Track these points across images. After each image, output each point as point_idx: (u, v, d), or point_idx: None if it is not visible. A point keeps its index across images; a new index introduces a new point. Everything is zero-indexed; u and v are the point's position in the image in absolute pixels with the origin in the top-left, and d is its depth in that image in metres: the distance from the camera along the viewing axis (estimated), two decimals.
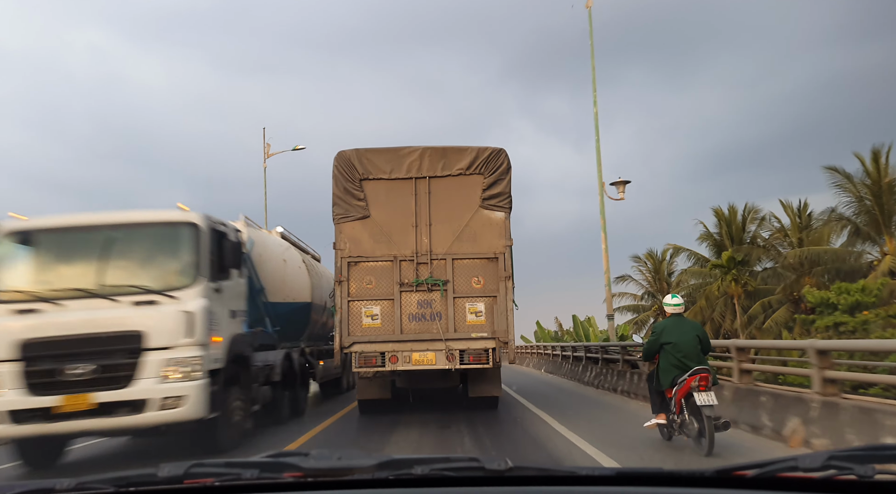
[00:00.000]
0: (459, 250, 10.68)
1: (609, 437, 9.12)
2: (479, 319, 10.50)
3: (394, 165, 10.90)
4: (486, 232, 10.74)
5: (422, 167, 10.87)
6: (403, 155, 10.95)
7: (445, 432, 10.11)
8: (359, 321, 10.54)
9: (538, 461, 7.51)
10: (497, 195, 10.84)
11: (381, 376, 11.49)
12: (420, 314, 10.53)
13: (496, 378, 11.81)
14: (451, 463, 1.84)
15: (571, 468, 1.92)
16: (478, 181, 10.86)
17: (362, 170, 10.87)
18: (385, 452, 8.69)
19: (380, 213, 10.82)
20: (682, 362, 7.79)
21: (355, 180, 10.84)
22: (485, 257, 10.67)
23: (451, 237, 10.71)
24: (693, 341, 7.89)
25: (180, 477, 1.66)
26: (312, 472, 1.74)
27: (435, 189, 10.88)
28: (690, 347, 7.84)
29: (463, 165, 10.88)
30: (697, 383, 7.50)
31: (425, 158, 10.89)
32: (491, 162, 10.87)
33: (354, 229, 10.76)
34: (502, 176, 10.89)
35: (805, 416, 7.94)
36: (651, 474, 1.96)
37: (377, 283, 10.63)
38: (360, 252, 10.70)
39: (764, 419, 8.75)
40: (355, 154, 10.92)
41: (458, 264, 10.66)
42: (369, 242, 10.73)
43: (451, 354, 10.29)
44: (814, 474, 1.71)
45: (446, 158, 10.92)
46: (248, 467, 1.70)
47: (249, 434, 9.87)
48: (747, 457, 7.13)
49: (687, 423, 7.68)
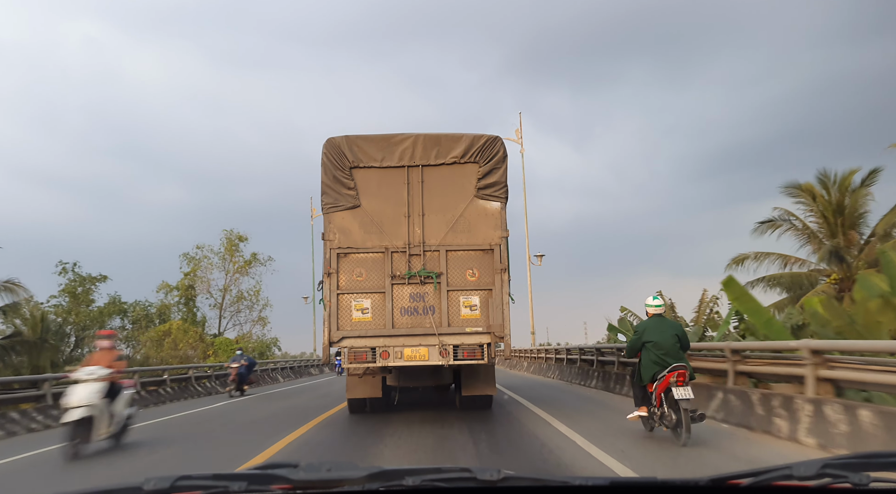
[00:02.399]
0: (453, 241, 10.65)
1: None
2: (474, 313, 10.46)
3: (385, 152, 10.83)
4: (481, 223, 10.69)
5: (415, 155, 10.81)
6: (396, 142, 10.88)
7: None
8: (348, 314, 10.48)
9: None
10: (493, 185, 10.79)
11: (372, 373, 11.42)
12: (412, 307, 10.49)
13: (490, 376, 11.80)
14: (442, 474, 1.87)
15: (565, 477, 1.94)
16: (472, 170, 10.81)
17: (352, 157, 10.80)
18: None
19: (371, 202, 10.76)
20: (662, 359, 8.58)
21: (345, 168, 10.77)
22: (480, 248, 10.63)
23: (445, 228, 10.67)
24: (672, 339, 8.70)
25: (166, 490, 1.69)
26: (302, 484, 1.77)
27: (428, 178, 10.82)
28: (670, 345, 8.65)
29: (457, 154, 10.81)
30: (676, 378, 8.32)
31: (418, 145, 10.83)
32: (486, 150, 10.81)
33: (344, 219, 10.70)
34: (498, 165, 10.83)
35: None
36: (645, 483, 1.99)
37: (368, 275, 10.59)
38: (349, 243, 10.65)
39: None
40: (345, 141, 10.85)
41: (451, 255, 10.62)
42: (360, 232, 10.67)
43: (444, 349, 10.24)
44: (809, 482, 1.74)
45: (440, 146, 10.85)
46: (236, 479, 1.74)
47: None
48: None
49: (666, 415, 8.46)
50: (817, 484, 1.74)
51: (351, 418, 12.08)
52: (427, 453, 8.35)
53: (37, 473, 8.64)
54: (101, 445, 9.85)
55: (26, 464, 9.33)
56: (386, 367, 10.65)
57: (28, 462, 9.49)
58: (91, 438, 9.43)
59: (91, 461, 9.03)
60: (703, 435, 8.79)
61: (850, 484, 1.70)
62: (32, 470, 8.86)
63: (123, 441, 10.31)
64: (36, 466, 9.12)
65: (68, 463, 8.89)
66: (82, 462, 8.94)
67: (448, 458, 7.95)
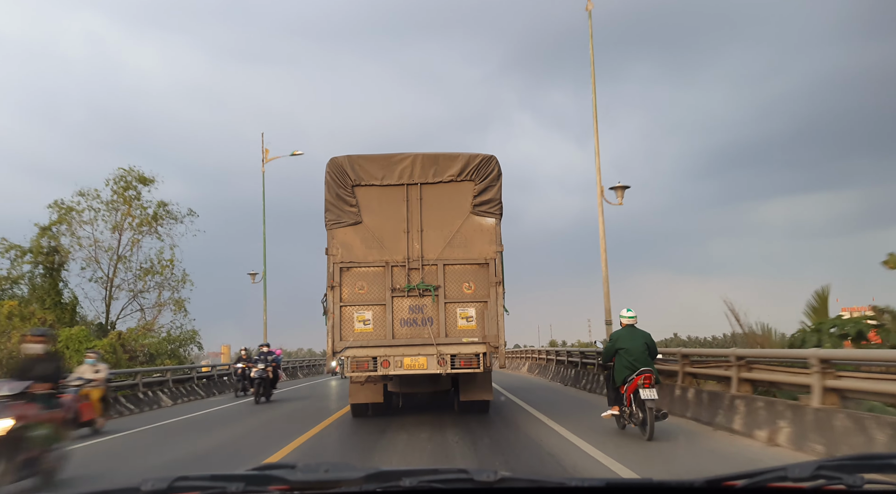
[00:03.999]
0: (451, 255, 10.61)
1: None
2: (470, 324, 10.43)
3: (386, 171, 10.83)
4: (476, 238, 10.67)
5: (413, 174, 10.80)
6: (395, 162, 10.88)
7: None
8: (351, 325, 10.46)
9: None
10: (488, 202, 10.77)
11: (374, 380, 11.37)
12: (411, 319, 10.45)
13: (487, 383, 11.76)
14: (439, 475, 1.79)
15: (561, 479, 1.86)
16: (469, 188, 10.80)
17: (354, 176, 10.79)
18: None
19: (372, 219, 10.74)
20: (632, 364, 9.16)
21: (347, 186, 10.77)
22: (476, 262, 10.60)
23: (443, 243, 10.63)
24: (642, 347, 9.28)
25: (164, 491, 1.60)
26: (299, 485, 1.68)
27: (426, 195, 10.80)
28: (640, 352, 9.22)
29: (454, 172, 10.81)
30: (643, 381, 8.89)
31: (417, 164, 10.82)
32: (482, 169, 10.80)
33: (346, 235, 10.68)
34: (493, 182, 10.83)
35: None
36: (640, 485, 1.91)
37: (369, 288, 10.56)
38: (352, 258, 10.62)
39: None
40: (347, 161, 10.85)
41: (449, 269, 10.59)
42: (361, 247, 10.65)
43: (442, 358, 10.18)
44: (803, 484, 1.68)
45: (437, 165, 10.85)
46: (233, 480, 1.64)
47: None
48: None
49: (634, 413, 9.07)
50: (812, 486, 1.68)
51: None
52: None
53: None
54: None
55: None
56: (387, 375, 10.62)
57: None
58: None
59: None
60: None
61: (845, 486, 1.64)
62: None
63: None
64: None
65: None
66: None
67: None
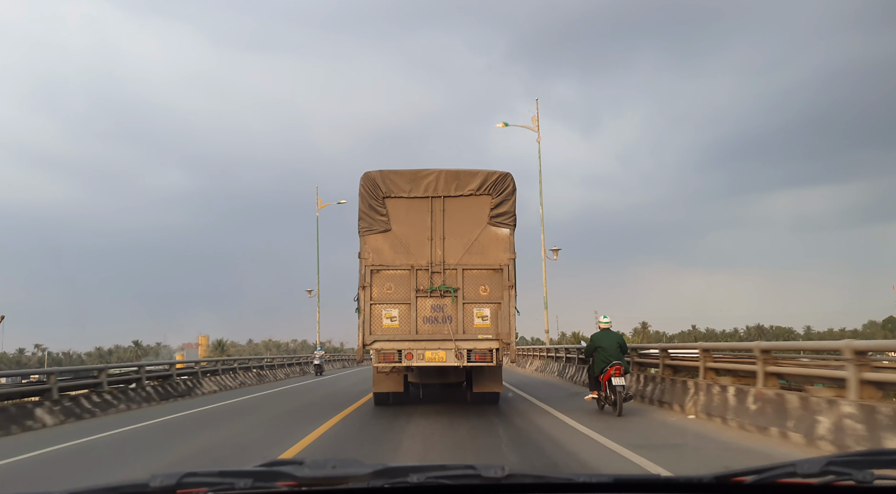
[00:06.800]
0: (469, 261, 10.57)
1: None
2: (485, 322, 10.38)
3: (413, 185, 10.83)
4: (492, 246, 10.63)
5: (437, 188, 10.79)
6: (422, 177, 10.87)
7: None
8: (379, 322, 10.44)
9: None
10: (503, 214, 10.73)
11: (396, 371, 11.37)
12: (433, 316, 10.42)
13: (498, 376, 11.69)
14: (447, 471, 1.62)
15: (569, 474, 1.69)
16: (486, 201, 10.76)
17: (385, 189, 10.78)
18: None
19: (400, 227, 10.72)
20: (607, 358, 10.45)
21: (379, 198, 10.76)
22: (491, 268, 10.54)
23: (462, 250, 10.60)
24: (615, 345, 10.56)
25: (172, 487, 1.44)
26: (307, 481, 1.52)
27: (449, 207, 10.78)
28: (613, 349, 10.53)
29: (474, 187, 10.78)
30: (615, 371, 10.25)
31: (441, 179, 10.80)
32: (498, 184, 10.78)
33: (377, 241, 10.67)
34: (508, 197, 10.80)
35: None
36: (648, 480, 1.73)
37: (396, 289, 10.53)
38: (381, 261, 10.61)
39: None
40: (379, 175, 10.86)
41: (467, 273, 10.55)
42: (390, 252, 10.64)
43: (459, 353, 10.22)
44: (812, 480, 1.51)
45: (459, 180, 10.82)
46: (241, 476, 1.48)
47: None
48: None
49: (608, 396, 10.39)
50: (821, 482, 1.50)
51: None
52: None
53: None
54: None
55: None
56: (409, 366, 10.65)
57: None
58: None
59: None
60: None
61: (854, 482, 1.46)
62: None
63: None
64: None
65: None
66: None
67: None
